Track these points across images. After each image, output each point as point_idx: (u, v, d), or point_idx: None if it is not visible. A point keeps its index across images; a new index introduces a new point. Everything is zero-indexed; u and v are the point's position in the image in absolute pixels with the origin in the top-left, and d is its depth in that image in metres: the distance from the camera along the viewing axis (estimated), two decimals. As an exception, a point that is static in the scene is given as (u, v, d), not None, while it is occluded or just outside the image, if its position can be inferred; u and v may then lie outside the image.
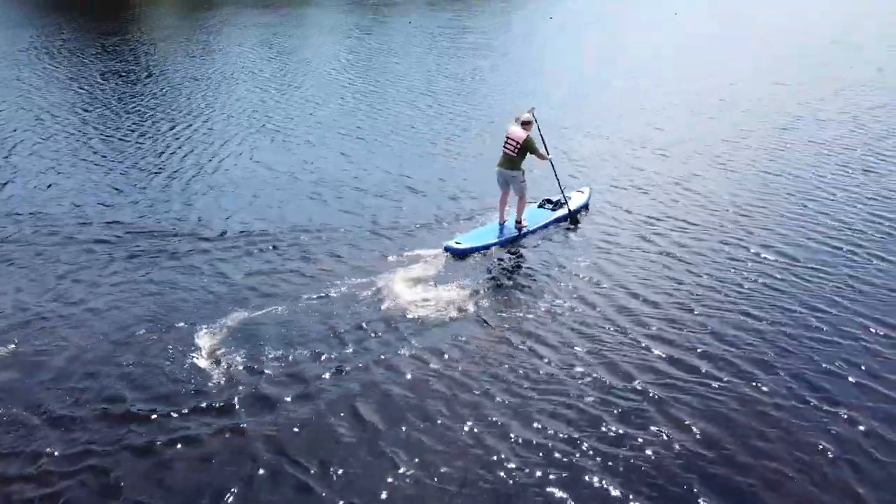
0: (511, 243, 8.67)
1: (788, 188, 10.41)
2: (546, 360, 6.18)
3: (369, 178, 10.90)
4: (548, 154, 8.95)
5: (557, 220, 9.20)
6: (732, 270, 7.81)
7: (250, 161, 11.83)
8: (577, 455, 5.06)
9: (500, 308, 7.12)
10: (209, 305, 7.14)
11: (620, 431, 5.29)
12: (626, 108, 15.42)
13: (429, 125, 13.99)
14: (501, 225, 8.94)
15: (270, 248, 8.44)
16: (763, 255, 8.15)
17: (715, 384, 5.82)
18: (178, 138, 13.07)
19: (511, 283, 7.76)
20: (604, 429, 5.32)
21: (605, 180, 10.78)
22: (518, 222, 8.88)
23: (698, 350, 6.30)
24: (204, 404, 5.60)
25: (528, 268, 8.09)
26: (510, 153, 8.70)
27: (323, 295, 7.26)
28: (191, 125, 13.98)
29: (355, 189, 10.43)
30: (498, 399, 5.67)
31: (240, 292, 7.39)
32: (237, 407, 5.58)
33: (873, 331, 6.58)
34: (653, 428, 5.33)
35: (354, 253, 8.28)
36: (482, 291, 7.44)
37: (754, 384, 5.82)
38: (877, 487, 4.80)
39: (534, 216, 9.14)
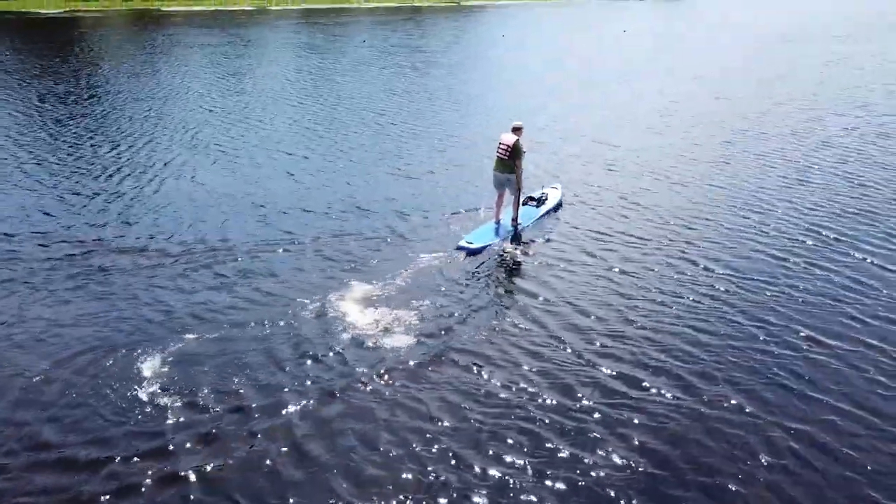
0: (511, 240, 9.23)
1: (731, 200, 10.61)
2: (493, 380, 6.08)
3: (314, 197, 10.72)
4: (521, 167, 9.38)
5: (544, 215, 10.02)
6: (678, 283, 7.87)
7: (192, 181, 11.52)
8: (524, 476, 4.94)
9: (443, 327, 6.99)
10: (149, 331, 6.83)
11: (566, 451, 5.20)
12: (575, 124, 15.61)
13: (377, 144, 13.89)
14: (498, 224, 9.58)
15: (212, 269, 8.17)
16: (707, 268, 8.23)
17: (659, 399, 5.79)
18: (118, 160, 12.67)
19: (450, 302, 7.65)
20: (549, 446, 5.23)
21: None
22: (514, 220, 9.54)
23: (643, 365, 6.28)
24: (142, 447, 5.25)
25: (466, 287, 7.99)
26: (503, 157, 9.38)
27: (265, 318, 7.03)
28: (132, 146, 13.59)
29: (300, 209, 10.22)
30: (444, 423, 5.53)
31: (181, 316, 7.10)
32: (177, 448, 5.24)
33: (811, 339, 6.67)
34: (598, 446, 5.25)
35: (297, 274, 8.07)
36: (425, 312, 7.29)
37: (698, 398, 5.80)
38: (814, 492, 4.82)
39: (522, 213, 9.73)
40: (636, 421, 5.53)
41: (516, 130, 9.43)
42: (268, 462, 5.13)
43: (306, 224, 9.62)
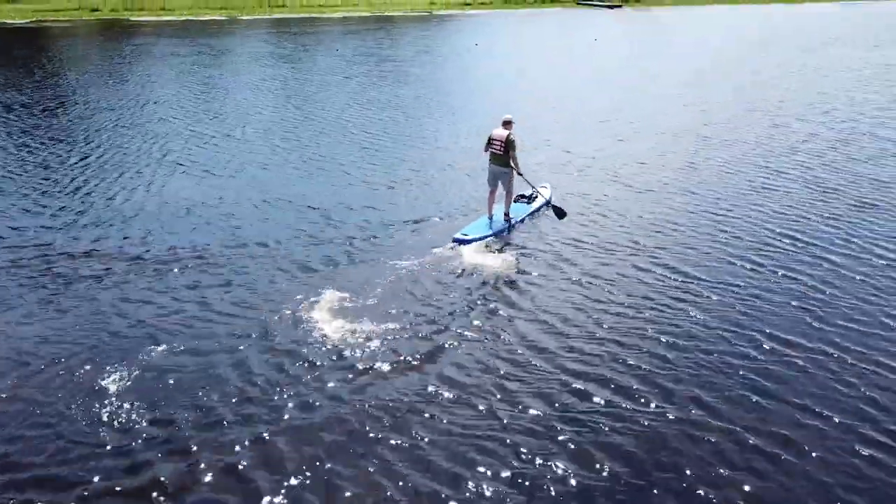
0: (503, 235, 9.57)
1: (698, 206, 10.78)
2: (468, 389, 6.09)
3: (284, 206, 10.68)
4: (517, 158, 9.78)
5: (534, 212, 10.36)
6: (643, 292, 7.95)
7: (160, 191, 11.41)
8: (502, 487, 4.96)
9: (417, 334, 6.99)
10: (116, 344, 6.75)
11: (523, 467, 5.23)
12: (547, 132, 15.73)
13: (346, 153, 13.85)
14: (490, 218, 9.84)
15: (182, 279, 8.11)
16: (675, 273, 8.35)
17: (630, 406, 5.86)
18: (84, 170, 12.49)
19: (422, 309, 7.65)
20: (511, 462, 5.25)
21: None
22: (506, 215, 9.86)
23: (614, 371, 6.34)
24: (109, 465, 5.16)
25: (438, 294, 8.00)
26: (498, 152, 9.70)
27: (237, 329, 6.98)
28: (99, 156, 13.41)
29: (269, 218, 10.18)
30: (418, 434, 5.53)
31: (149, 328, 7.03)
32: (145, 466, 5.16)
33: (776, 344, 6.80)
34: (569, 453, 5.30)
35: (269, 283, 8.03)
36: (399, 319, 7.27)
37: (668, 404, 5.89)
38: (781, 494, 4.91)
39: (513, 210, 10.11)
40: (607, 428, 5.58)
41: (507, 124, 9.73)
42: (239, 479, 5.07)
43: (276, 233, 9.57)
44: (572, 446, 5.36)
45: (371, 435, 5.49)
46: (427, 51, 31.84)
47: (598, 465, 5.16)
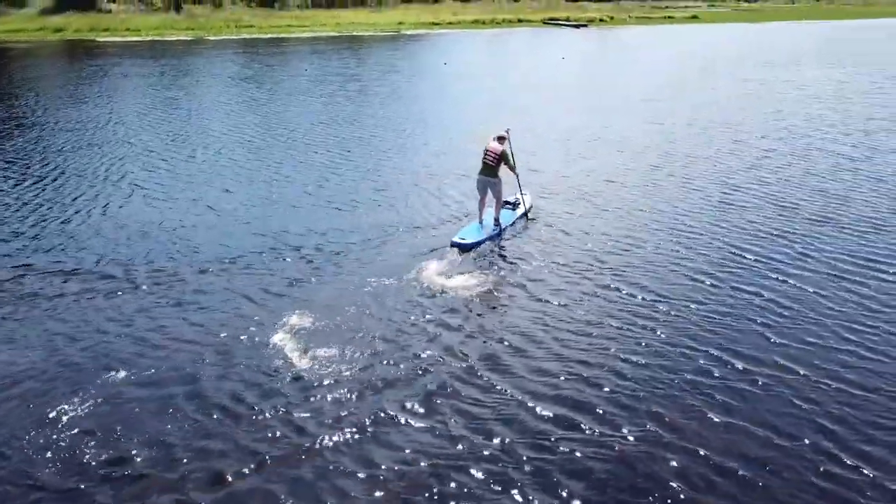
0: (495, 239, 10.15)
1: (660, 225, 10.88)
2: (436, 417, 6.02)
3: (245, 225, 10.54)
4: (515, 167, 10.62)
5: (519, 218, 10.98)
6: (608, 311, 7.98)
7: (120, 211, 11.23)
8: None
9: (373, 358, 6.90)
10: (72, 370, 6.55)
11: (487, 494, 5.16)
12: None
13: (311, 174, 13.76)
14: (481, 224, 10.41)
15: (141, 301, 7.93)
16: (633, 292, 8.38)
17: (583, 434, 5.81)
18: (43, 191, 12.23)
19: (387, 332, 7.57)
20: (474, 490, 5.19)
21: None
22: (496, 220, 10.44)
23: (572, 398, 6.30)
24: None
25: (402, 316, 7.93)
26: (490, 163, 10.29)
27: (201, 353, 6.83)
28: (57, 177, 13.13)
29: (232, 237, 10.03)
30: (385, 466, 5.44)
31: (106, 353, 6.86)
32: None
33: (732, 363, 6.83)
34: (520, 485, 5.25)
35: (234, 304, 7.89)
36: (356, 343, 7.18)
37: (626, 424, 5.89)
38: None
39: (501, 216, 10.68)
40: (571, 450, 5.56)
41: (501, 139, 10.41)
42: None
43: (237, 255, 9.43)
44: (536, 470, 5.32)
45: (332, 468, 5.37)
46: (396, 70, 31.96)
47: (561, 490, 5.11)
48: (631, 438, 5.70)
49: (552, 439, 5.68)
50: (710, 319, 7.68)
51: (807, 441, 5.65)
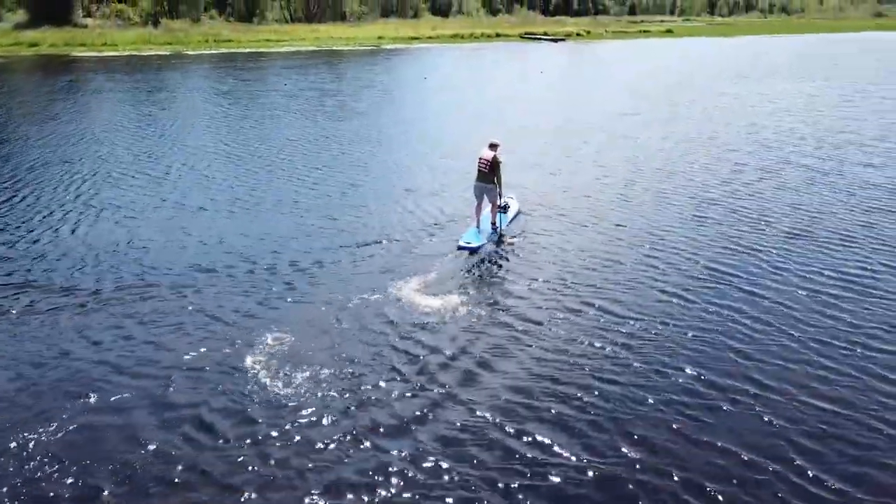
0: (493, 241, 10.74)
1: (632, 241, 10.90)
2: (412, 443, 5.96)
3: (215, 244, 10.40)
4: (500, 186, 10.98)
5: (511, 221, 11.61)
6: (581, 328, 7.97)
7: (88, 231, 11.03)
8: None
9: (347, 382, 6.83)
10: (31, 398, 6.37)
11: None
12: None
13: (285, 190, 13.67)
14: (478, 228, 11.00)
15: (103, 325, 7.76)
16: (608, 312, 8.33)
17: (555, 455, 5.80)
18: (9, 210, 12.01)
19: (362, 356, 7.50)
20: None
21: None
22: (493, 224, 11.06)
23: (544, 418, 6.29)
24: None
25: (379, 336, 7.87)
26: (484, 170, 10.82)
27: (161, 382, 6.70)
28: (27, 196, 12.90)
29: (198, 261, 9.87)
30: (357, 498, 5.36)
31: (72, 379, 6.69)
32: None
33: (704, 379, 6.88)
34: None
35: (205, 325, 7.76)
36: (329, 365, 7.10)
37: (598, 445, 5.89)
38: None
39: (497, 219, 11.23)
40: (544, 471, 5.52)
41: (493, 147, 10.90)
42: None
43: (208, 275, 9.31)
44: (510, 492, 5.28)
45: (306, 498, 5.28)
46: (376, 85, 32.00)
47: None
48: (605, 459, 5.69)
49: (528, 460, 5.65)
50: (683, 336, 7.71)
51: (780, 458, 5.67)
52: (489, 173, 10.77)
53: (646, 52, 56.05)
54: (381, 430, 6.04)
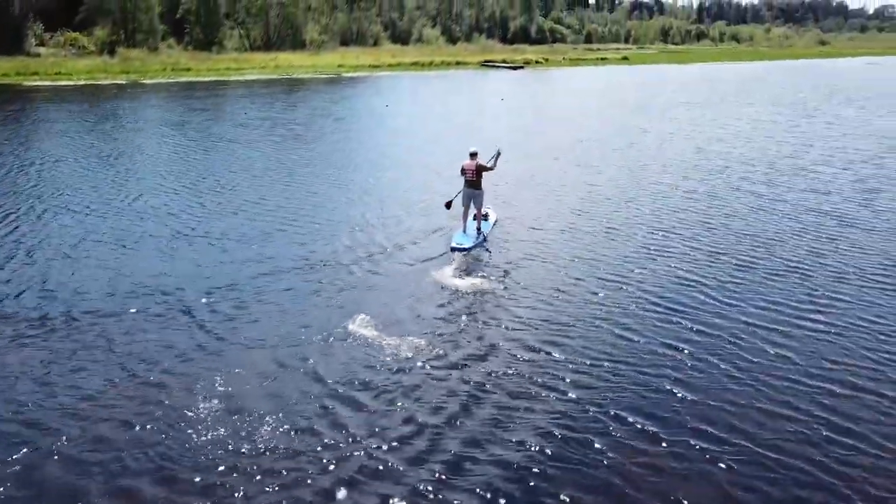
0: (479, 245, 12.02)
1: (578, 273, 10.81)
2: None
3: (163, 278, 10.13)
4: (495, 164, 12.72)
5: (492, 228, 13.00)
6: (529, 378, 7.88)
7: (19, 265, 10.60)
8: None
9: (309, 435, 6.67)
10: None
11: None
12: (443, 196, 15.85)
13: (236, 222, 13.45)
14: (465, 232, 12.24)
15: (39, 356, 7.44)
16: (550, 350, 8.18)
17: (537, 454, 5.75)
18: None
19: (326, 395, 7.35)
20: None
21: (432, 259, 10.85)
22: (478, 228, 12.34)
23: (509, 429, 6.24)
24: None
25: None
26: (472, 178, 12.15)
27: (114, 424, 6.44)
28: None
29: (147, 288, 9.59)
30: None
31: (15, 420, 6.38)
32: None
33: (640, 427, 6.77)
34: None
35: (164, 359, 7.51)
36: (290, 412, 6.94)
37: (574, 449, 5.83)
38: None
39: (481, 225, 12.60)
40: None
41: (473, 155, 12.22)
42: None
43: (142, 318, 8.99)
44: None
45: None
46: (335, 113, 31.97)
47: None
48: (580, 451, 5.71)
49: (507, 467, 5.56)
50: (623, 377, 7.51)
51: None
52: (477, 179, 12.05)
53: (602, 78, 57.42)
54: (355, 460, 5.89)
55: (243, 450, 6.19)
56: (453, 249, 11.59)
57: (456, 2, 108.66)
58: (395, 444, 6.32)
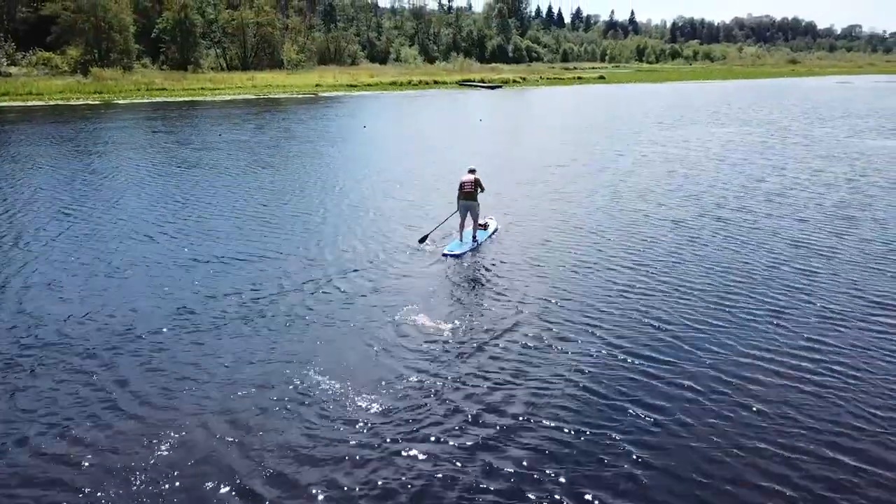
0: (474, 251, 12.93)
1: (548, 313, 10.46)
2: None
3: (122, 305, 9.81)
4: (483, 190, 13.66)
5: (490, 236, 13.89)
6: (498, 413, 7.80)
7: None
8: None
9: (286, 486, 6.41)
10: None
11: None
12: (420, 219, 15.70)
13: (212, 246, 13.17)
14: (461, 241, 13.17)
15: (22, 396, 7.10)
16: (524, 383, 8.07)
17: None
18: None
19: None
20: None
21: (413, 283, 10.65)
22: (474, 237, 13.24)
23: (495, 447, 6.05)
24: None
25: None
26: (470, 190, 13.16)
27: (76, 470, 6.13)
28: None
29: (92, 337, 9.28)
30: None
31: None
32: None
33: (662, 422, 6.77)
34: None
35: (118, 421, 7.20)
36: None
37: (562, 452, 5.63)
38: None
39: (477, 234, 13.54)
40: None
41: (472, 171, 13.42)
42: None
43: (102, 350, 8.70)
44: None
45: None
46: (313, 134, 31.79)
47: None
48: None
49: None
50: (602, 420, 7.29)
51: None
52: (473, 192, 13.13)
53: (579, 98, 57.97)
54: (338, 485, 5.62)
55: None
56: (444, 255, 12.51)
57: (434, 21, 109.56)
58: (392, 451, 6.10)
